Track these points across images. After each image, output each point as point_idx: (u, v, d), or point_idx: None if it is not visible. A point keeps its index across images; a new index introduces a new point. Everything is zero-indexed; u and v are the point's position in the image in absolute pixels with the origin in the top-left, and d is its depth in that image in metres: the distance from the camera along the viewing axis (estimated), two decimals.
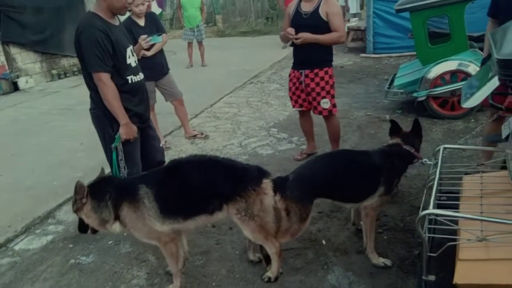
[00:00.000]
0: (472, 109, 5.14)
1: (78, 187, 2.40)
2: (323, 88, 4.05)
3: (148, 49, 4.76)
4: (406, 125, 5.18)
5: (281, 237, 2.59)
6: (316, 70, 4.00)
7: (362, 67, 9.66)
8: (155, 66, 4.90)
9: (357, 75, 8.79)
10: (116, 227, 2.46)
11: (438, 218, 2.06)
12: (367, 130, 5.35)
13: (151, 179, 2.49)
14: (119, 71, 2.83)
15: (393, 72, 6.73)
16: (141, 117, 3.05)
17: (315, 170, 2.71)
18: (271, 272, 2.63)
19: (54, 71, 10.14)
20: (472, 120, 5.20)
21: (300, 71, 4.08)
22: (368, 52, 10.72)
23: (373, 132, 5.24)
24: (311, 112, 4.36)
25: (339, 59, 10.89)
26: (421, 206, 2.08)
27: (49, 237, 3.39)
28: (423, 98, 5.31)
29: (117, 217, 2.43)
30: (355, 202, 2.72)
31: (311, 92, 4.08)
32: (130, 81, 2.91)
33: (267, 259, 2.71)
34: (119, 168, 2.95)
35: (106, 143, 2.98)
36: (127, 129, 2.86)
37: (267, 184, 2.50)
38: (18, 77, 9.16)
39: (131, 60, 2.95)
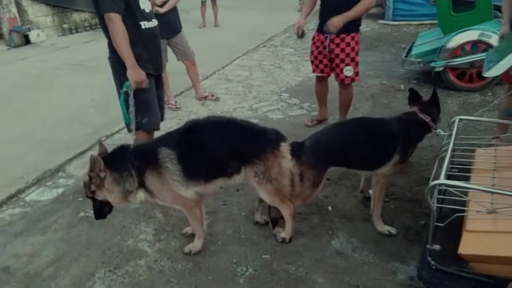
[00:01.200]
0: (490, 82, 5.01)
1: (93, 161, 2.24)
2: (348, 55, 3.87)
3: (161, 6, 4.65)
4: (422, 95, 5.10)
5: (292, 201, 2.60)
6: (342, 35, 3.80)
7: (380, 34, 9.39)
8: (168, 24, 4.79)
9: (373, 43, 8.55)
10: (140, 195, 2.38)
11: (448, 189, 2.04)
12: (380, 99, 5.26)
13: (171, 141, 2.40)
14: (132, 15, 2.80)
15: (412, 40, 6.52)
16: (155, 64, 3.04)
17: (332, 137, 2.67)
18: (286, 233, 2.66)
19: (65, 26, 10.03)
20: (489, 94, 5.07)
21: (326, 35, 3.88)
22: (386, 19, 10.38)
23: (386, 102, 5.14)
24: (332, 78, 4.23)
25: None
26: (432, 176, 2.05)
27: (60, 190, 3.45)
28: (440, 69, 5.16)
29: (141, 185, 2.35)
30: (370, 170, 2.70)
31: (335, 58, 3.92)
32: (143, 27, 2.89)
33: (274, 222, 2.74)
34: (128, 114, 2.92)
35: (117, 85, 3.00)
36: (133, 72, 2.79)
37: (285, 147, 2.47)
38: (29, 30, 9.08)
39: (145, 5, 2.91)
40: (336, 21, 3.68)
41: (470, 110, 4.67)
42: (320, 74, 4.20)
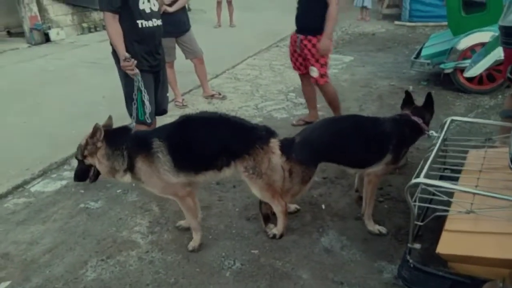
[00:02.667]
0: (500, 84, 4.92)
1: (95, 130, 2.36)
2: (313, 56, 4.00)
3: (170, 5, 4.75)
4: None
5: (283, 197, 2.62)
6: (309, 37, 3.96)
7: (395, 35, 9.31)
8: (177, 23, 4.90)
9: (387, 44, 8.50)
10: (127, 178, 2.48)
11: (431, 190, 2.04)
12: (387, 100, 5.22)
13: (164, 133, 2.50)
14: (130, 14, 2.98)
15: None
16: (151, 61, 3.20)
17: (322, 133, 2.68)
18: (277, 229, 2.70)
19: (84, 24, 10.29)
20: (500, 96, 4.97)
21: (297, 35, 4.09)
22: (403, 20, 10.30)
23: (393, 103, 5.09)
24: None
25: (372, 26, 10.54)
26: (414, 176, 2.05)
27: (63, 182, 3.57)
28: (450, 70, 5.10)
29: (129, 169, 2.45)
30: (361, 168, 2.71)
31: (305, 58, 4.09)
32: (140, 26, 3.05)
33: (266, 218, 2.77)
34: (143, 108, 3.13)
35: (120, 78, 3.20)
36: (123, 64, 2.98)
37: (274, 143, 2.51)
38: (49, 28, 9.36)
39: (146, 6, 3.06)
40: (325, 45, 3.88)
41: (478, 113, 4.60)
42: (298, 72, 4.38)
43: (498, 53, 1.70)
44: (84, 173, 2.52)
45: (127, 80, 3.13)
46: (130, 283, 2.39)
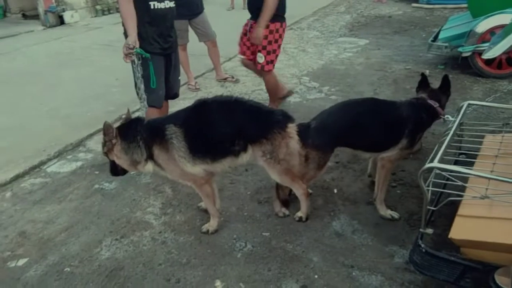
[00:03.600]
0: None
1: (106, 128, 2.38)
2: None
3: None
4: None
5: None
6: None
7: (412, 17, 9.10)
8: (189, 4, 4.86)
9: (404, 26, 8.32)
10: (149, 167, 2.50)
11: (445, 174, 2.01)
12: (403, 85, 5.13)
13: (179, 118, 2.48)
14: None
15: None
16: (162, 44, 3.17)
17: (339, 118, 2.64)
18: (302, 212, 2.70)
19: (98, 7, 10.29)
20: None
21: (249, 19, 4.08)
22: (421, 2, 10.06)
23: (408, 87, 5.01)
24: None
25: (389, 8, 10.32)
26: (428, 160, 2.02)
27: (79, 163, 3.63)
28: (468, 54, 4.97)
29: (150, 157, 2.46)
30: (376, 152, 2.68)
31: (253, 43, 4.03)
32: (152, 7, 3.02)
33: (285, 204, 2.78)
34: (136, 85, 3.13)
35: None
36: (131, 39, 2.92)
37: (292, 128, 2.49)
38: (64, 11, 9.39)
39: None
40: (257, 35, 3.87)
41: (496, 98, 4.49)
42: (242, 56, 4.33)
43: None
44: (116, 168, 2.55)
45: (143, 63, 3.08)
46: (143, 262, 2.43)
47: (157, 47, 3.13)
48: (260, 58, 4.04)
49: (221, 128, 2.45)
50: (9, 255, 2.56)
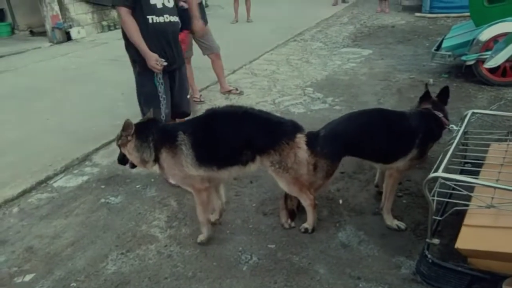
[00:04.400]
0: None
1: (126, 125, 2.50)
2: None
3: (185, 1, 4.76)
4: (451, 90, 4.83)
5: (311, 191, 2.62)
6: None
7: (415, 27, 9.13)
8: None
9: (407, 36, 8.34)
10: (155, 168, 2.59)
11: (450, 184, 2.00)
12: (407, 94, 5.13)
13: (189, 127, 2.56)
14: (141, 9, 2.96)
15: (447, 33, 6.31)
16: (163, 58, 3.09)
17: (348, 127, 2.65)
18: (308, 224, 2.70)
19: (104, 23, 10.45)
20: None
21: None
22: (424, 11, 10.10)
23: (412, 96, 4.99)
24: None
25: (392, 18, 10.37)
26: (433, 170, 2.02)
27: (85, 178, 3.65)
28: (472, 62, 4.97)
29: (156, 159, 2.54)
30: (386, 163, 2.66)
31: None
32: (150, 21, 3.01)
33: (291, 214, 2.78)
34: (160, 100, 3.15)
35: (136, 77, 3.27)
36: (148, 59, 2.99)
37: (301, 138, 2.50)
38: (70, 27, 9.53)
39: (157, 0, 3.02)
40: (200, 27, 3.86)
41: (501, 106, 4.47)
42: None
43: None
44: (123, 159, 2.67)
45: (143, 79, 3.14)
46: (149, 276, 2.43)
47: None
48: None
49: (231, 138, 2.49)
50: (16, 270, 2.57)
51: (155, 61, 2.99)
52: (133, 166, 2.68)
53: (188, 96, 3.58)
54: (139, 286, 2.37)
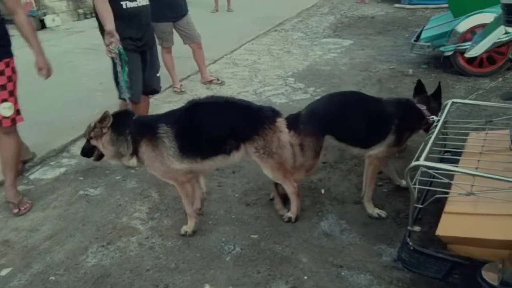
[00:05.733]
0: (500, 67, 4.89)
1: (104, 117, 2.45)
2: (3, 87, 2.86)
3: None
4: (429, 81, 5.01)
5: (296, 174, 2.63)
6: None
7: (394, 18, 9.20)
8: (174, 7, 4.84)
9: (387, 27, 8.40)
10: (133, 162, 2.53)
11: (431, 172, 2.03)
12: (387, 84, 5.18)
13: (171, 118, 2.50)
14: None
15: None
16: (136, 41, 3.28)
17: (327, 106, 2.68)
18: (291, 213, 2.71)
19: (80, 10, 10.17)
20: (500, 79, 4.92)
21: None
22: (403, 3, 10.18)
23: (392, 87, 5.07)
24: None
25: (371, 9, 10.42)
26: (414, 158, 2.04)
27: (62, 169, 3.56)
28: (450, 53, 5.04)
29: (135, 153, 2.48)
30: (363, 147, 2.68)
31: None
32: (124, 6, 3.15)
33: (284, 199, 2.77)
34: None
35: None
36: (108, 36, 3.04)
37: (281, 122, 2.52)
38: (45, 15, 9.24)
39: None
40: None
41: (478, 96, 4.56)
42: None
43: (500, 32, 1.68)
44: (90, 151, 2.62)
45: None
46: (130, 269, 2.39)
47: (131, 45, 3.24)
48: (7, 109, 2.91)
49: (214, 128, 2.47)
50: None
51: (110, 37, 3.03)
52: (99, 159, 2.62)
53: (158, 75, 3.65)
54: (120, 278, 2.33)
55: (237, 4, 10.50)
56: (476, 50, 1.86)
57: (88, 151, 2.63)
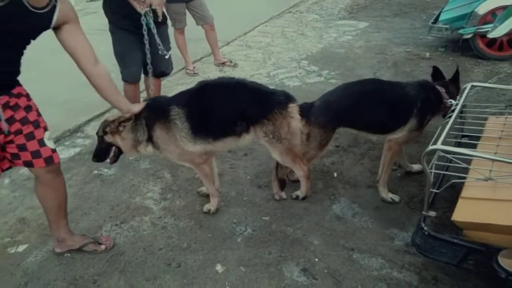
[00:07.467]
0: None
1: (130, 118, 2.38)
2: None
3: None
4: (447, 64, 4.90)
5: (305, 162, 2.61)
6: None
7: None
8: None
9: (404, 8, 8.18)
10: (149, 149, 2.49)
11: (448, 157, 1.99)
12: (403, 67, 5.07)
13: (182, 100, 2.49)
14: None
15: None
16: (128, 22, 3.22)
17: (342, 97, 2.60)
18: (301, 192, 2.72)
19: None
20: None
21: None
22: None
23: (408, 70, 4.96)
24: None
25: None
26: (431, 142, 2.00)
27: (77, 149, 3.60)
28: (469, 36, 4.90)
29: (150, 139, 2.46)
30: (383, 133, 2.63)
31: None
32: None
33: (282, 183, 2.76)
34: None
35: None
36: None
37: (293, 108, 2.49)
38: None
39: None
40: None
41: (498, 80, 4.44)
42: None
43: None
44: (104, 152, 2.50)
45: (114, 38, 3.37)
46: (143, 247, 2.43)
47: (126, 24, 3.23)
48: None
49: (224, 109, 2.46)
50: (9, 241, 2.55)
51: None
52: (115, 160, 2.54)
53: (167, 57, 3.47)
54: (133, 256, 2.36)
55: None
56: (500, 30, 1.79)
57: (102, 152, 2.50)
